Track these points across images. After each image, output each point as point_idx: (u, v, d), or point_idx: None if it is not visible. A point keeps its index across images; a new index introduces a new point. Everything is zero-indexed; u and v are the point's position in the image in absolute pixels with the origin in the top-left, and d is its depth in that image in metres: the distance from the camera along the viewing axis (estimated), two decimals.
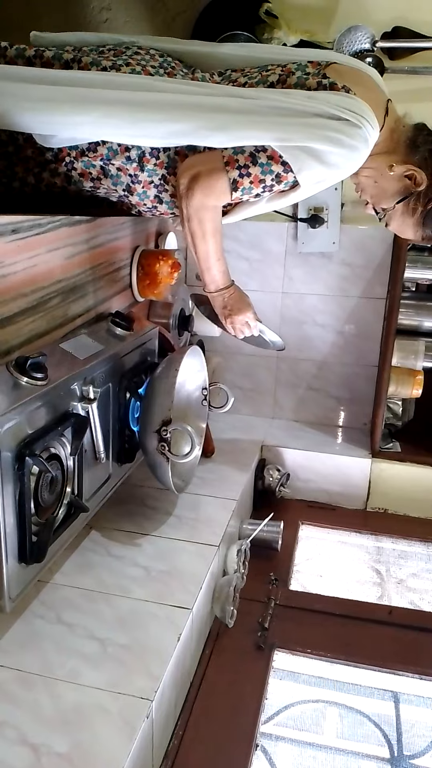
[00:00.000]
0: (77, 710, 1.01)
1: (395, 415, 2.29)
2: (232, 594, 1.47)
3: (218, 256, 1.37)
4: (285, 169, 1.23)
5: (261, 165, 1.23)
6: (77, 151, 1.32)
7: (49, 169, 1.36)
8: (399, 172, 1.31)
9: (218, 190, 1.26)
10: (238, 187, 1.26)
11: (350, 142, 1.20)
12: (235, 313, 1.48)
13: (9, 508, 1.00)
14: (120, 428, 1.42)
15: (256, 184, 1.26)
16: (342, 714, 1.35)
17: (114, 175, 1.36)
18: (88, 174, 1.36)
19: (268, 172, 1.24)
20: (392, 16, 1.96)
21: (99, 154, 1.32)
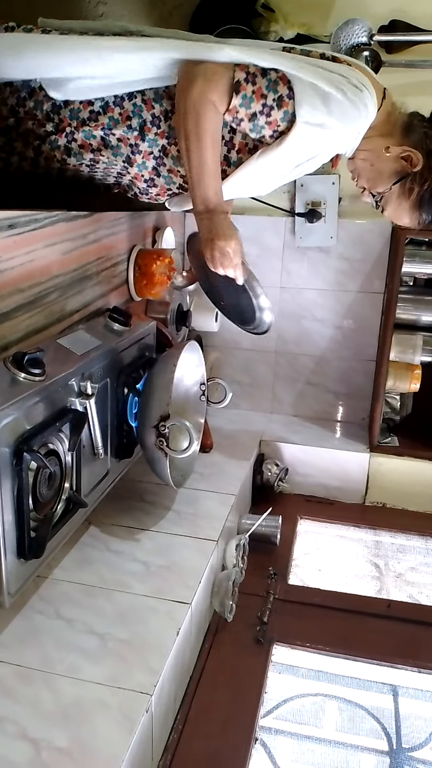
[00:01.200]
0: (77, 705, 1.02)
1: (393, 409, 2.29)
2: (231, 588, 1.47)
3: (213, 171, 1.26)
4: (289, 95, 1.20)
5: (268, 80, 1.20)
6: (78, 121, 1.32)
7: (49, 142, 1.35)
8: (395, 153, 1.32)
9: (221, 85, 1.20)
10: (240, 90, 1.20)
11: (353, 96, 1.20)
12: (218, 238, 1.29)
13: (7, 503, 1.00)
14: (118, 424, 1.42)
15: (257, 98, 1.21)
16: (341, 707, 1.36)
17: (114, 145, 1.35)
18: (88, 145, 1.35)
19: (272, 90, 1.20)
20: (389, 9, 1.96)
21: (100, 123, 1.32)
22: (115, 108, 1.31)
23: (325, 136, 1.25)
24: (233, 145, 1.32)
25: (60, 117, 1.32)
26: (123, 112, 1.31)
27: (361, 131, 1.29)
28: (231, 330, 2.35)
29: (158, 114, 1.31)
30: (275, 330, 2.33)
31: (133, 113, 1.31)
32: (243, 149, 1.33)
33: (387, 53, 1.96)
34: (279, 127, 1.24)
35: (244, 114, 1.23)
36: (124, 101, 1.31)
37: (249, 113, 1.23)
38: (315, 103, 1.19)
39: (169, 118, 1.31)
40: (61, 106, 1.31)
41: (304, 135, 1.23)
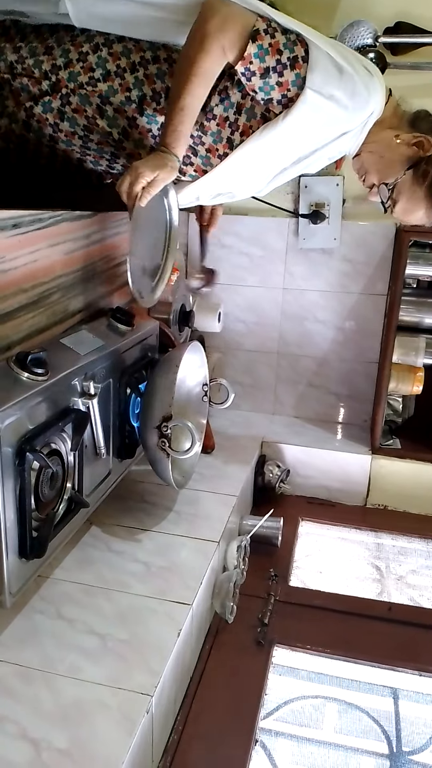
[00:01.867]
0: (77, 705, 1.02)
1: (395, 411, 2.29)
2: (232, 590, 1.47)
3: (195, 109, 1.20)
4: (304, 58, 1.17)
5: (288, 38, 1.17)
6: (76, 84, 1.29)
7: (42, 103, 1.32)
8: (406, 140, 1.30)
9: (239, 28, 1.16)
10: (257, 39, 1.16)
11: (365, 78, 1.19)
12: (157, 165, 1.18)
13: (9, 503, 1.00)
14: (120, 424, 1.42)
15: (273, 52, 1.17)
16: (341, 710, 1.36)
17: (110, 116, 1.32)
18: (83, 110, 1.31)
19: (290, 49, 1.17)
20: (394, 11, 1.95)
21: (98, 89, 1.29)
22: (116, 78, 1.29)
23: (333, 113, 1.21)
24: (237, 127, 1.29)
25: (58, 77, 1.30)
26: (123, 83, 1.29)
27: (367, 122, 1.27)
28: (234, 331, 2.35)
29: (159, 90, 1.28)
30: (277, 331, 2.33)
31: (134, 85, 1.29)
32: (247, 131, 1.29)
33: (392, 55, 1.96)
34: (289, 92, 1.20)
35: (257, 67, 1.19)
36: (126, 72, 1.28)
37: (263, 67, 1.18)
38: (328, 72, 1.17)
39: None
40: (60, 67, 1.29)
41: (313, 105, 1.19)
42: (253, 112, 1.27)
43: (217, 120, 1.29)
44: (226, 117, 1.28)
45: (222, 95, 1.26)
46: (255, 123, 1.28)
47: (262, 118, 1.27)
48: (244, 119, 1.28)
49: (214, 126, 1.29)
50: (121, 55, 1.29)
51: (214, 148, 1.33)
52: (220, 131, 1.30)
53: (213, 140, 1.31)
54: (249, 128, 1.28)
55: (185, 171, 1.38)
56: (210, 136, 1.31)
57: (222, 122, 1.29)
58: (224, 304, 2.25)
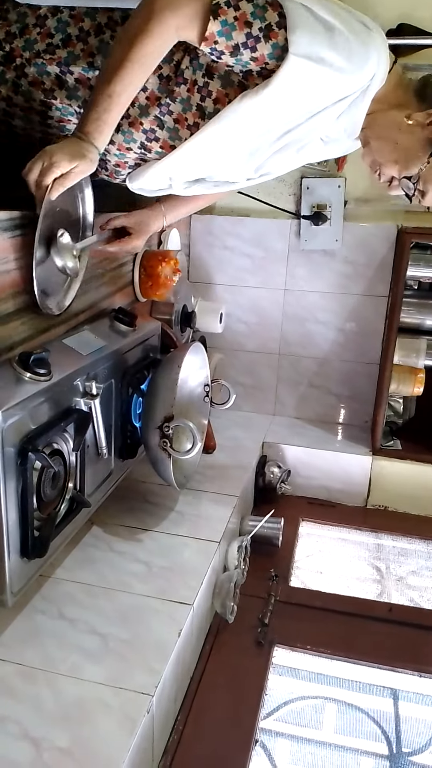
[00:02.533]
0: (78, 705, 1.02)
1: (396, 413, 2.29)
2: (233, 590, 1.47)
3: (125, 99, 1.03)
4: (279, 24, 0.98)
5: (255, 5, 0.99)
6: (32, 52, 1.15)
7: None
8: (420, 120, 1.09)
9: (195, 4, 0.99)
10: (219, 15, 0.98)
11: (361, 34, 1.01)
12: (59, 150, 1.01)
13: (11, 503, 1.00)
14: (122, 424, 1.43)
15: (240, 26, 0.99)
16: (341, 710, 1.36)
17: (71, 86, 1.17)
18: (40, 83, 1.17)
19: (260, 17, 0.99)
20: (397, 13, 1.95)
21: (57, 56, 1.14)
22: (78, 43, 1.14)
23: (326, 78, 1.01)
24: (209, 93, 1.10)
25: (12, 46, 1.16)
26: (86, 48, 1.13)
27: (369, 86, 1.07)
28: (235, 332, 2.36)
29: None
30: (279, 332, 2.33)
31: (97, 50, 1.13)
32: (223, 100, 1.10)
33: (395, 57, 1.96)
34: (267, 65, 1.02)
35: (224, 46, 1.01)
36: (89, 36, 1.13)
37: (231, 45, 1.01)
38: (313, 31, 0.97)
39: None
40: (15, 34, 1.16)
41: (300, 72, 1.00)
42: (229, 79, 1.08)
43: (187, 84, 1.11)
44: (195, 81, 1.10)
45: (191, 55, 1.08)
46: (232, 91, 1.08)
47: (239, 87, 1.08)
48: (218, 85, 1.09)
49: (184, 91, 1.11)
50: (85, 15, 1.14)
51: (182, 118, 1.14)
52: (188, 98, 1.12)
53: (182, 108, 1.13)
54: (225, 96, 1.09)
55: (150, 148, 1.21)
56: (179, 104, 1.13)
57: (191, 86, 1.10)
58: (226, 305, 2.25)
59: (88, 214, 1.25)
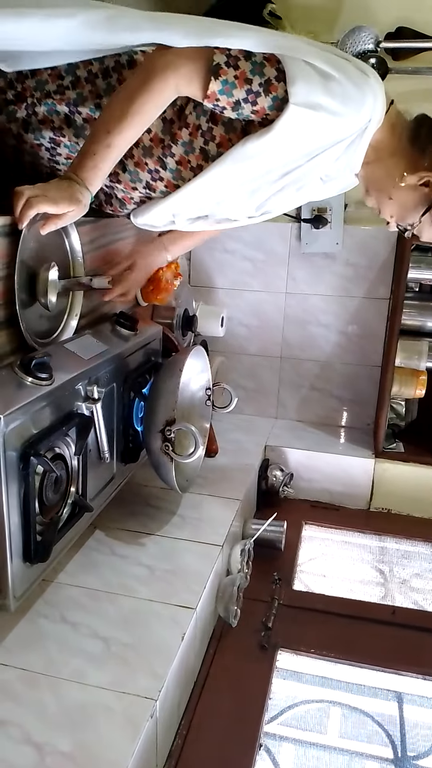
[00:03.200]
0: (81, 709, 1.02)
1: (398, 415, 2.29)
2: (236, 594, 1.47)
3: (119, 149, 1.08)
4: (278, 77, 1.03)
5: (253, 63, 1.03)
6: (42, 92, 1.19)
7: (6, 112, 1.22)
8: (412, 182, 1.15)
9: (195, 61, 1.04)
10: (220, 75, 1.03)
11: (357, 80, 1.04)
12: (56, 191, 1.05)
13: (14, 507, 1.00)
14: (124, 428, 1.43)
15: (241, 84, 1.04)
16: (345, 714, 1.35)
17: (79, 125, 1.21)
18: (49, 121, 1.21)
19: (259, 73, 1.03)
20: (396, 16, 1.96)
21: (66, 97, 1.18)
22: (87, 84, 1.18)
23: (323, 123, 1.06)
24: (213, 137, 1.15)
25: (23, 86, 1.19)
26: (94, 89, 1.18)
27: (367, 129, 1.10)
28: (237, 335, 2.36)
29: None
30: (280, 335, 2.34)
31: (104, 92, 1.17)
32: (225, 144, 1.14)
33: (393, 60, 1.97)
34: (268, 116, 1.07)
35: (226, 102, 1.06)
36: (97, 79, 1.18)
37: (232, 101, 1.06)
38: (311, 80, 1.02)
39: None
40: (27, 75, 1.19)
41: (299, 120, 1.04)
42: (232, 125, 1.14)
43: (189, 128, 1.16)
44: (198, 126, 1.15)
45: (195, 102, 1.13)
46: (234, 136, 1.14)
47: (242, 132, 1.13)
48: (221, 130, 1.15)
49: (186, 135, 1.16)
50: (94, 60, 1.18)
51: (185, 160, 1.19)
52: (192, 141, 1.17)
53: (184, 151, 1.18)
54: (228, 140, 1.15)
55: (155, 187, 1.26)
56: (181, 146, 1.18)
57: (194, 130, 1.16)
58: (227, 308, 2.25)
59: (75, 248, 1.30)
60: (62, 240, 1.29)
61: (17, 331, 1.12)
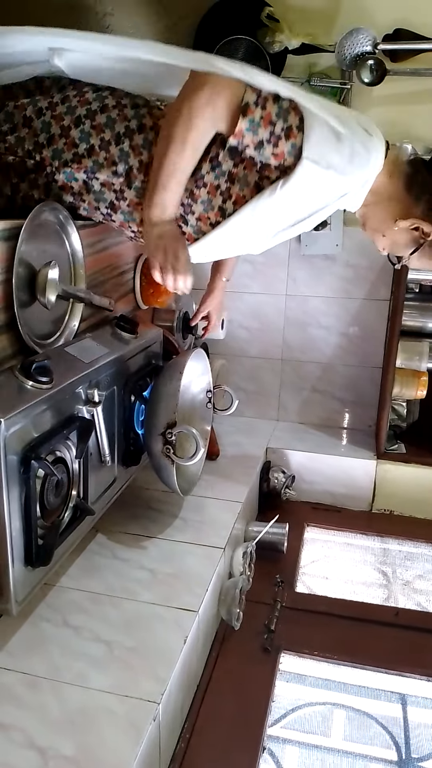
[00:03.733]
0: (84, 713, 1.01)
1: (400, 416, 2.29)
2: (238, 596, 1.47)
3: (182, 181, 1.19)
4: (299, 127, 1.13)
5: (280, 107, 1.13)
6: (60, 161, 1.27)
7: (28, 180, 1.30)
8: (404, 226, 1.26)
9: (228, 102, 1.13)
10: (247, 114, 1.13)
11: (364, 139, 1.16)
12: (170, 248, 1.23)
13: (15, 511, 1.00)
14: (125, 431, 1.43)
15: (265, 124, 1.13)
16: (349, 716, 1.35)
17: (97, 190, 1.30)
18: (69, 187, 1.30)
19: (282, 119, 1.13)
20: (394, 18, 1.96)
21: (83, 165, 1.27)
22: (101, 152, 1.26)
23: (331, 180, 1.18)
24: (229, 196, 1.25)
25: (42, 156, 1.28)
26: (109, 156, 1.26)
27: (368, 180, 1.22)
28: (237, 337, 2.36)
29: (146, 161, 1.25)
30: (281, 337, 2.34)
31: (119, 158, 1.26)
32: (240, 200, 1.24)
33: (392, 61, 1.97)
34: (285, 161, 1.17)
35: (250, 140, 1.16)
36: (110, 145, 1.26)
37: (255, 140, 1.16)
38: (325, 139, 1.13)
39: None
40: (43, 144, 1.27)
41: (310, 175, 1.16)
42: (246, 180, 1.22)
43: (207, 188, 1.25)
44: (217, 185, 1.24)
45: (213, 163, 1.22)
46: (248, 192, 1.23)
47: (255, 187, 1.22)
48: (236, 189, 1.24)
49: (204, 194, 1.25)
50: (105, 126, 1.26)
51: (204, 217, 1.28)
52: (210, 200, 1.26)
53: (203, 209, 1.27)
54: (242, 197, 1.24)
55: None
56: (200, 204, 1.27)
57: (213, 190, 1.25)
58: (228, 311, 2.25)
59: (76, 249, 1.32)
60: (63, 241, 1.29)
61: (18, 334, 1.12)
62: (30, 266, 1.16)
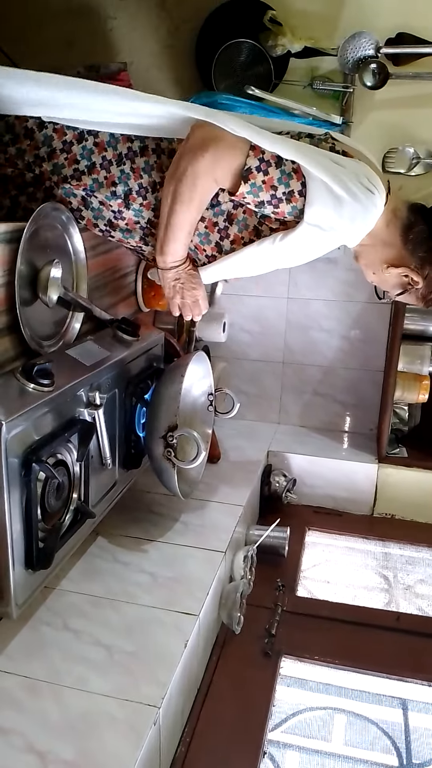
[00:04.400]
0: (84, 717, 1.01)
1: (401, 420, 2.28)
2: (239, 600, 1.46)
3: (189, 231, 1.24)
4: (300, 192, 1.16)
5: (282, 171, 1.15)
6: (59, 176, 1.27)
7: (27, 193, 1.30)
8: (394, 273, 1.29)
9: (230, 167, 1.16)
10: (249, 179, 1.16)
11: (364, 198, 1.17)
12: (188, 289, 1.32)
13: (16, 514, 1.00)
14: (126, 434, 1.42)
15: (267, 188, 1.16)
16: (350, 721, 1.35)
17: (95, 208, 1.31)
18: (67, 203, 1.30)
19: (285, 183, 1.16)
20: (396, 22, 1.97)
21: (83, 183, 1.27)
22: (102, 171, 1.26)
23: (330, 237, 1.23)
24: (227, 235, 1.27)
25: (41, 169, 1.27)
26: (109, 176, 1.26)
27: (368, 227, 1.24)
28: (239, 341, 2.36)
29: (146, 185, 1.26)
30: (282, 340, 2.33)
31: (119, 180, 1.26)
32: (238, 241, 1.27)
33: (394, 65, 1.97)
34: (286, 218, 1.21)
35: (251, 200, 1.19)
36: (111, 165, 1.26)
37: (257, 201, 1.19)
38: (326, 206, 1.15)
39: (157, 190, 1.26)
40: (44, 158, 1.26)
41: (309, 235, 1.20)
42: (246, 223, 1.26)
43: (205, 222, 1.27)
44: (215, 222, 1.26)
45: (213, 201, 1.24)
46: (246, 234, 1.27)
47: (254, 230, 1.26)
48: (235, 229, 1.27)
49: (202, 228, 1.27)
50: (108, 145, 1.25)
51: (201, 248, 1.31)
52: (208, 234, 1.28)
53: (200, 240, 1.30)
54: (240, 238, 1.27)
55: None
56: (197, 236, 1.29)
57: (210, 226, 1.27)
58: (229, 314, 2.25)
59: (78, 249, 1.33)
60: (65, 241, 1.29)
61: (21, 336, 1.12)
62: (32, 265, 1.16)
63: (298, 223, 1.19)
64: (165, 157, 1.25)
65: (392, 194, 1.26)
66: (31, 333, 1.16)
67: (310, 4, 2.03)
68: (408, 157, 2.00)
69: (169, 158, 1.24)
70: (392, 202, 1.25)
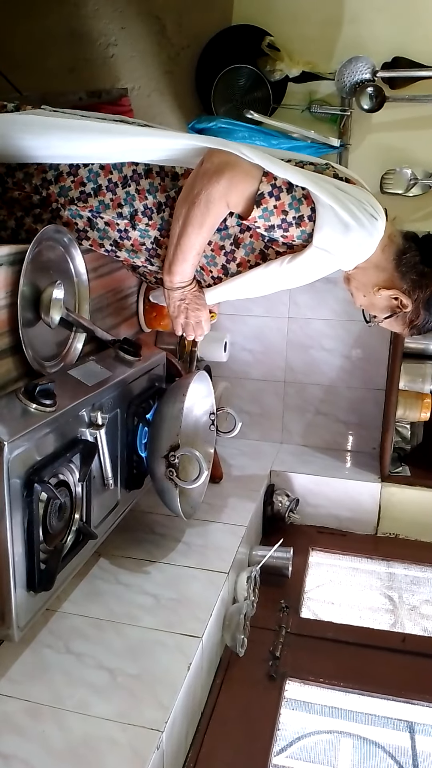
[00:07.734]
0: (86, 742, 1.00)
1: (404, 438, 2.28)
2: (243, 622, 1.45)
3: (200, 252, 1.27)
4: (310, 217, 1.20)
5: (293, 197, 1.19)
6: (66, 198, 1.29)
7: (33, 215, 1.32)
8: (386, 295, 1.33)
9: (243, 193, 1.20)
10: (261, 204, 1.20)
11: (368, 224, 1.21)
12: (192, 309, 1.36)
13: (17, 535, 1.00)
14: (128, 454, 1.42)
15: (278, 213, 1.20)
16: (356, 745, 1.32)
17: (101, 228, 1.33)
18: (73, 224, 1.32)
19: (295, 209, 1.20)
20: (392, 47, 2.00)
21: (89, 204, 1.30)
22: (108, 193, 1.29)
23: (335, 261, 1.27)
24: (234, 258, 1.31)
25: (48, 192, 1.30)
26: (115, 198, 1.29)
27: (370, 251, 1.28)
28: (240, 360, 2.36)
29: (151, 206, 1.29)
30: (284, 360, 2.34)
31: (125, 201, 1.29)
32: (244, 264, 1.32)
33: (390, 89, 2.00)
34: (294, 242, 1.25)
35: (261, 224, 1.23)
36: (117, 188, 1.29)
37: (267, 225, 1.23)
38: (334, 230, 1.19)
39: (162, 210, 1.29)
40: (51, 181, 1.29)
41: (316, 258, 1.24)
42: (252, 247, 1.29)
43: (212, 246, 1.30)
44: (222, 246, 1.30)
45: (220, 225, 1.27)
46: (253, 258, 1.31)
47: (260, 254, 1.30)
48: (241, 253, 1.30)
49: (209, 250, 1.31)
50: (113, 168, 1.29)
51: (207, 270, 1.35)
52: (214, 256, 1.32)
53: (206, 262, 1.33)
54: (246, 262, 1.31)
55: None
56: (203, 258, 1.32)
57: (217, 249, 1.31)
58: (230, 333, 2.26)
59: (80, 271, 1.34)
60: (67, 263, 1.30)
61: (23, 357, 1.13)
62: (35, 287, 1.17)
63: (305, 246, 1.23)
64: (168, 179, 1.28)
65: (389, 221, 1.29)
66: (33, 354, 1.16)
67: (307, 30, 2.07)
68: (405, 178, 2.02)
69: (173, 180, 1.27)
70: (389, 228, 1.29)
